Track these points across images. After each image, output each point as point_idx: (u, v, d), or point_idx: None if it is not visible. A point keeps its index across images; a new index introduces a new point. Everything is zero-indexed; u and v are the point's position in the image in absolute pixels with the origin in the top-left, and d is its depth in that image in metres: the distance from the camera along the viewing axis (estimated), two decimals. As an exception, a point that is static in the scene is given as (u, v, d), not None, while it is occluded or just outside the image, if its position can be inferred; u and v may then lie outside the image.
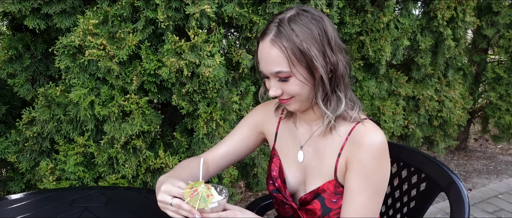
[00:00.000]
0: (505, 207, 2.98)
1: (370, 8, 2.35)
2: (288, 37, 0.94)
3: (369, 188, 0.96)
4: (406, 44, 2.55)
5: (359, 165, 0.97)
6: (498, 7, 3.18)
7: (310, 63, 0.95)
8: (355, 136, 0.99)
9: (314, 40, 0.95)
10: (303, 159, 1.10)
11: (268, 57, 0.97)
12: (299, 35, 0.94)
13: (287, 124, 1.17)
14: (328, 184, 1.03)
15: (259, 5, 1.86)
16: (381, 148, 0.96)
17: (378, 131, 0.98)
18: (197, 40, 1.65)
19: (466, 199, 1.18)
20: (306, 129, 1.11)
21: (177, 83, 1.72)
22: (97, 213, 1.18)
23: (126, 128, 1.68)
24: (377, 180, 0.97)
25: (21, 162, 1.84)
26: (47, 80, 1.84)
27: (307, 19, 0.96)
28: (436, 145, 3.17)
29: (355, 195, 0.97)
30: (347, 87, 1.02)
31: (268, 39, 0.96)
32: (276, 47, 0.95)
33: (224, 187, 1.02)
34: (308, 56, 0.94)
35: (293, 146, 1.13)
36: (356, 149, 0.98)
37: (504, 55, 3.32)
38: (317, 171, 1.06)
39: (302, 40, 0.94)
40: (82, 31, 1.60)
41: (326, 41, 0.96)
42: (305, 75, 0.96)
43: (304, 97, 1.00)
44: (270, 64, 0.97)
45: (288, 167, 1.13)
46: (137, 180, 1.80)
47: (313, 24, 0.96)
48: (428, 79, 2.90)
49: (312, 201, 1.05)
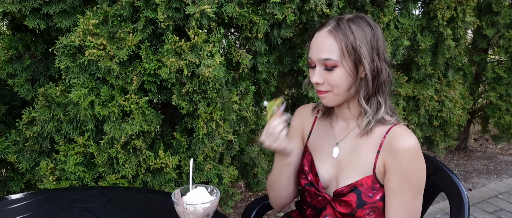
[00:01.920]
0: (505, 207, 2.98)
1: (370, 8, 2.35)
2: (344, 32, 1.04)
3: (411, 188, 1.05)
4: (406, 44, 2.55)
5: (399, 168, 1.05)
6: (498, 7, 3.18)
7: (358, 60, 1.04)
8: (392, 138, 1.07)
9: (367, 41, 1.05)
10: (338, 154, 1.16)
11: (322, 44, 1.06)
12: (355, 33, 1.04)
13: (322, 123, 1.24)
14: (366, 179, 1.09)
15: (259, 5, 1.86)
16: (416, 150, 1.04)
17: (411, 134, 1.06)
18: (197, 40, 1.65)
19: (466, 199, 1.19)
20: (342, 127, 1.18)
21: (177, 83, 1.73)
22: (97, 213, 1.18)
23: (126, 128, 1.69)
24: (417, 180, 1.05)
25: (21, 162, 1.84)
26: (47, 80, 1.84)
27: (364, 23, 1.07)
28: (436, 145, 3.17)
29: (398, 195, 1.05)
30: (387, 96, 1.11)
31: (326, 29, 1.06)
32: (332, 37, 1.05)
33: (214, 187, 1.06)
34: (358, 53, 1.04)
35: (329, 142, 1.20)
36: (393, 153, 1.05)
37: (504, 55, 3.32)
38: (353, 167, 1.12)
39: (356, 38, 1.04)
40: (82, 31, 1.60)
41: (376, 47, 1.06)
42: (351, 68, 1.05)
43: (342, 90, 1.08)
44: (321, 50, 1.06)
45: (321, 162, 1.19)
46: (137, 180, 1.80)
47: (368, 29, 1.06)
48: (428, 79, 2.90)
49: (348, 194, 1.10)
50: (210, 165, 1.92)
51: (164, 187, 1.85)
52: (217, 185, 2.00)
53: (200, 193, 1.04)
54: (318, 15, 1.93)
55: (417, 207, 1.07)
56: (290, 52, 2.21)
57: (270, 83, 2.19)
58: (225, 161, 2.05)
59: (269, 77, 2.18)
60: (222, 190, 2.06)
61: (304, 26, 2.12)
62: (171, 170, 1.81)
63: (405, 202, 1.05)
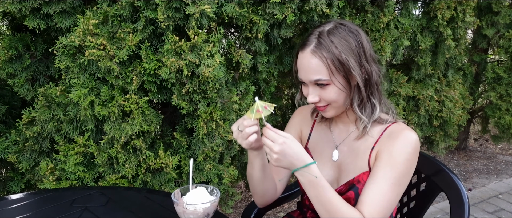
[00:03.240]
0: (505, 207, 2.98)
1: (370, 8, 2.35)
2: (328, 48, 1.02)
3: (392, 177, 1.03)
4: (406, 44, 2.55)
5: (388, 155, 1.04)
6: (498, 7, 3.18)
7: (347, 72, 1.03)
8: (391, 131, 1.07)
9: (352, 51, 1.03)
10: (338, 157, 1.17)
11: (308, 66, 1.05)
12: (338, 46, 1.02)
13: (321, 127, 1.24)
14: (362, 175, 1.09)
15: (259, 5, 1.86)
16: (412, 145, 1.04)
17: (411, 130, 1.06)
18: (197, 40, 1.65)
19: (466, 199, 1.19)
20: (342, 130, 1.18)
21: (177, 83, 1.73)
22: (97, 213, 1.18)
23: (126, 128, 1.69)
24: (401, 172, 1.03)
25: (21, 162, 1.84)
26: (47, 80, 1.84)
27: (345, 32, 1.05)
28: (436, 145, 3.17)
29: (377, 180, 1.03)
30: (381, 94, 1.11)
31: (309, 49, 1.04)
32: (316, 57, 1.03)
33: (214, 187, 1.05)
34: (346, 66, 1.03)
35: (328, 146, 1.20)
36: (389, 141, 1.05)
37: (504, 55, 3.32)
38: (352, 168, 1.12)
39: (341, 52, 1.02)
40: (82, 31, 1.60)
41: (362, 52, 1.05)
42: (343, 83, 1.05)
43: (340, 103, 1.08)
44: (310, 72, 1.05)
45: (321, 165, 1.19)
46: (137, 180, 1.80)
47: (351, 36, 1.05)
48: (428, 79, 2.90)
49: (347, 192, 1.10)
50: (210, 165, 1.92)
51: (164, 187, 1.85)
52: (217, 185, 2.00)
53: (200, 193, 1.04)
54: (318, 15, 1.94)
55: (391, 200, 1.02)
56: (290, 52, 2.21)
57: (270, 83, 2.19)
58: (225, 161, 2.05)
59: (269, 77, 2.18)
60: (222, 190, 2.06)
61: (304, 26, 2.12)
62: (171, 170, 1.81)
63: (382, 191, 1.01)
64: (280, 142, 0.97)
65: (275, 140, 0.98)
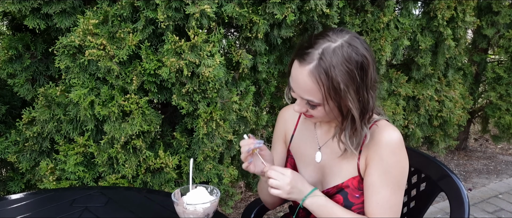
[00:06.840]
0: (505, 207, 2.98)
1: (370, 8, 2.35)
2: (327, 73, 0.93)
3: (391, 183, 1.02)
4: (406, 44, 2.55)
5: (379, 161, 1.02)
6: (498, 7, 3.18)
7: (342, 103, 0.97)
8: (374, 131, 1.04)
9: (353, 81, 0.94)
10: (321, 159, 1.14)
11: (303, 85, 0.97)
12: (339, 74, 0.93)
13: (306, 125, 1.21)
14: (352, 180, 1.07)
15: (259, 5, 1.86)
16: (398, 144, 1.02)
17: (394, 128, 1.04)
18: (197, 40, 1.65)
19: (466, 199, 1.19)
20: (325, 130, 1.15)
21: (177, 83, 1.73)
22: (97, 213, 1.18)
23: (126, 128, 1.69)
24: (398, 174, 1.03)
25: (21, 162, 1.84)
26: (47, 80, 1.84)
27: (352, 54, 0.94)
28: (436, 145, 3.17)
29: (378, 190, 1.02)
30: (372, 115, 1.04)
31: (307, 68, 0.95)
32: (313, 79, 0.94)
33: (214, 187, 1.05)
34: (344, 98, 0.95)
35: (311, 146, 1.17)
36: (375, 146, 1.03)
37: (504, 55, 3.32)
38: (337, 171, 1.10)
39: (340, 81, 0.93)
40: (82, 31, 1.60)
41: (364, 81, 0.96)
42: (334, 109, 0.98)
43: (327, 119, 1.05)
44: (302, 91, 0.99)
45: (304, 168, 1.17)
46: (137, 180, 1.80)
47: (356, 61, 0.94)
48: (428, 79, 2.90)
49: (334, 195, 1.09)
50: (210, 165, 1.92)
51: (164, 187, 1.85)
52: (217, 185, 2.00)
53: (200, 193, 1.04)
54: (318, 15, 1.94)
55: (397, 203, 1.04)
56: (290, 52, 2.21)
57: (270, 83, 2.19)
58: (225, 161, 2.05)
59: (269, 77, 2.18)
60: (222, 190, 2.06)
61: (304, 26, 2.12)
62: (171, 170, 1.81)
63: (385, 198, 1.02)
64: (287, 178, 1.02)
65: (281, 178, 1.02)
